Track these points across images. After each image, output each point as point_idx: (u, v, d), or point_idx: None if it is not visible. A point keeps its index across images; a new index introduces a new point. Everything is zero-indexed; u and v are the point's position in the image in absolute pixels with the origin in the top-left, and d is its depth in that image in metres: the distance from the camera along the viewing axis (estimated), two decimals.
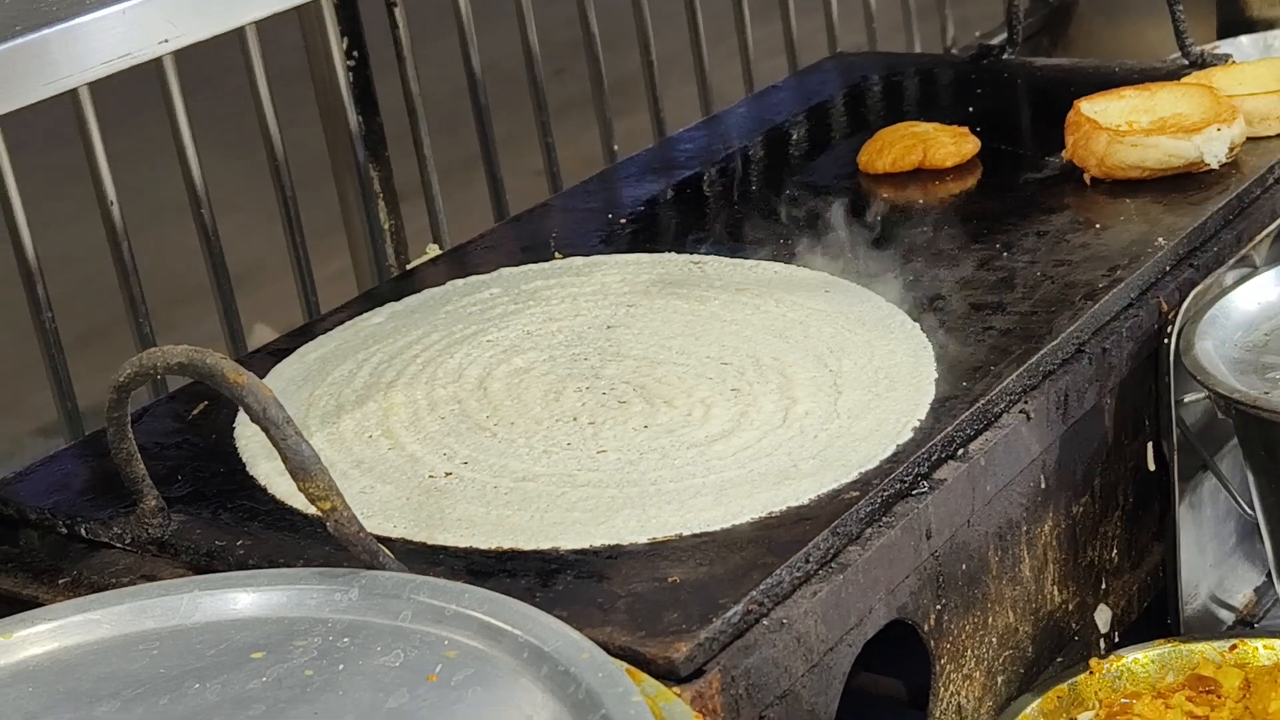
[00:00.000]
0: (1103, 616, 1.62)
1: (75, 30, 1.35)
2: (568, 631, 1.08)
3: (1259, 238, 1.74)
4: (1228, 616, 1.73)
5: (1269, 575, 1.70)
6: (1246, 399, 1.52)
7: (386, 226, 2.17)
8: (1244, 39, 2.53)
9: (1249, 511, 1.68)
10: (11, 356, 3.44)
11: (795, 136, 2.13)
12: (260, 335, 2.77)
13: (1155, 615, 1.69)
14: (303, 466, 1.17)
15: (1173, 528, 1.65)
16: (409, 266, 1.95)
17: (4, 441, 3.31)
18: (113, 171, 1.81)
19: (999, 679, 1.48)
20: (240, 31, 1.86)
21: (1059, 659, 1.55)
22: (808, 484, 1.34)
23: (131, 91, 2.33)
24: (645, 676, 1.09)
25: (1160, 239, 1.70)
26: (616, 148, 2.42)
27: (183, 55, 1.70)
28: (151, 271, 1.90)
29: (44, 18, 1.35)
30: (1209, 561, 1.72)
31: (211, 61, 1.86)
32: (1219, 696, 1.46)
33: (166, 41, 1.32)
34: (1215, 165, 1.82)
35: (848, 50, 2.66)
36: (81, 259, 2.90)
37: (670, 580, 1.24)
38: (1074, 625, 1.58)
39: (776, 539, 1.28)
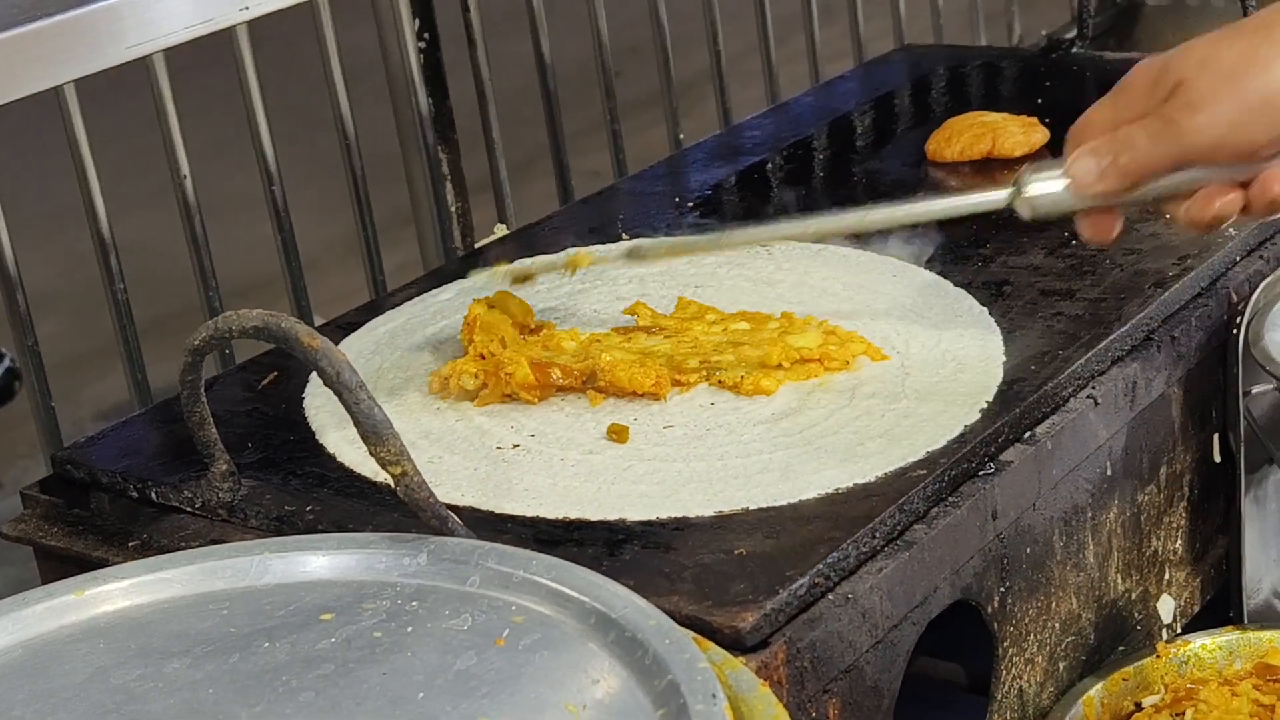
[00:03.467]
0: (1165, 607, 1.61)
1: None
2: (634, 598, 1.08)
3: None
4: None
5: None
6: None
7: (454, 209, 2.18)
8: None
9: None
10: (71, 345, 3.47)
11: (862, 125, 2.12)
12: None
13: (1218, 609, 1.68)
14: (374, 431, 1.18)
15: (1237, 521, 1.64)
16: (477, 246, 1.96)
17: (66, 424, 3.33)
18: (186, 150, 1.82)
19: (1061, 665, 1.48)
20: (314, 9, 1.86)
21: (1120, 648, 1.55)
22: (874, 461, 1.34)
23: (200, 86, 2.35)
24: (711, 645, 1.09)
25: (1230, 229, 1.69)
26: (682, 136, 2.42)
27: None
28: (215, 264, 1.91)
29: None
30: (1273, 556, 1.71)
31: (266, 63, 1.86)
32: None
33: (247, 9, 1.33)
34: None
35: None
36: (144, 252, 2.92)
37: (737, 552, 1.25)
38: (1136, 615, 1.58)
39: (843, 514, 1.28)
